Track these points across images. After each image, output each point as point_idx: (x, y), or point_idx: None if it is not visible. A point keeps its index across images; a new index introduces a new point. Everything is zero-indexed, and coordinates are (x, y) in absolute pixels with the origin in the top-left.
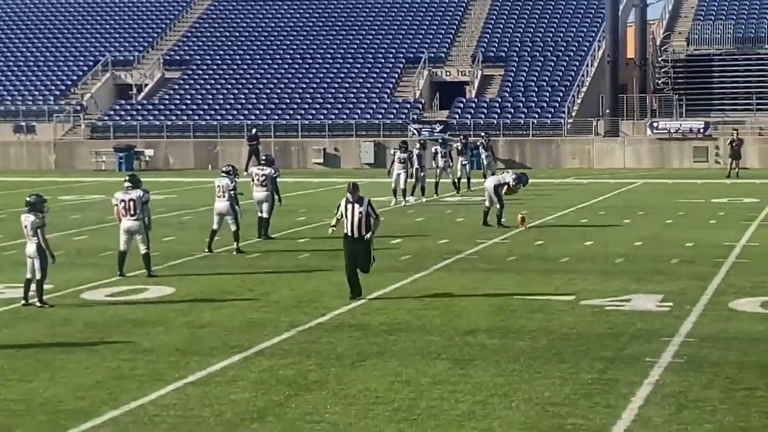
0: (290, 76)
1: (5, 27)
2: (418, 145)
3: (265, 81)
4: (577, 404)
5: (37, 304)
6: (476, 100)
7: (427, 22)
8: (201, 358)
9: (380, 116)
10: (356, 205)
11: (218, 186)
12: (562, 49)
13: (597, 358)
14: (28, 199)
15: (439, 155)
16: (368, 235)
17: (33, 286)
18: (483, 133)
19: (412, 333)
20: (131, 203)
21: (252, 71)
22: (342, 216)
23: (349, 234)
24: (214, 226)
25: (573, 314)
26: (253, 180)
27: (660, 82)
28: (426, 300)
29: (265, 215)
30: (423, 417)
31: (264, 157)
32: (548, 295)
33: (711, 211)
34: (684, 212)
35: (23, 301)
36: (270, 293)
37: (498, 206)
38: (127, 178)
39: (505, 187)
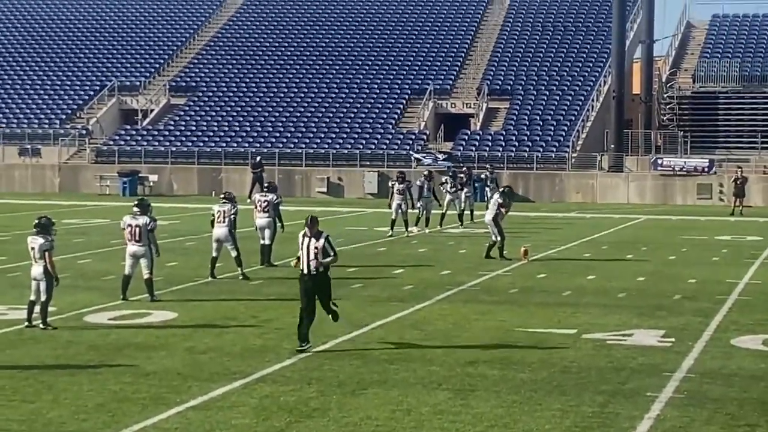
0: (296, 104)
1: (12, 50)
2: (422, 177)
3: (271, 109)
4: None
5: (41, 326)
6: (481, 132)
7: (433, 54)
8: (202, 383)
9: (385, 147)
10: (312, 240)
11: (219, 212)
12: (568, 83)
13: (598, 392)
14: (37, 221)
15: (447, 186)
16: (324, 263)
17: (37, 308)
18: (488, 166)
19: (414, 362)
20: (137, 229)
21: (258, 99)
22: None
23: (305, 271)
24: (214, 253)
25: (574, 347)
26: (255, 207)
27: (665, 118)
28: (427, 330)
29: (267, 242)
30: None
31: (267, 184)
32: (550, 328)
33: (714, 248)
34: (687, 249)
35: (27, 323)
36: (272, 320)
37: (499, 239)
38: (136, 202)
39: (502, 211)
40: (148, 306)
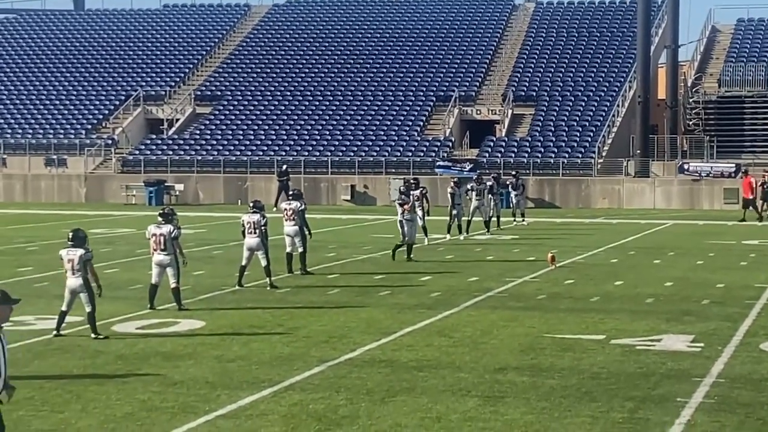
0: (321, 112)
1: (39, 61)
2: (452, 183)
3: (296, 117)
4: None
5: (92, 335)
6: (506, 138)
7: (458, 61)
8: (231, 391)
9: (410, 154)
10: None
11: (248, 222)
12: (593, 89)
13: (628, 398)
14: (73, 233)
15: (474, 193)
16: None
17: (68, 318)
18: (513, 172)
19: (442, 370)
20: (161, 238)
21: (283, 107)
22: None
23: None
24: (243, 262)
25: (603, 353)
26: (284, 215)
27: (691, 123)
28: (455, 337)
29: (300, 249)
30: None
31: (292, 192)
32: (578, 334)
33: (742, 252)
34: (714, 253)
35: (55, 332)
36: (300, 328)
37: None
38: (160, 212)
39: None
40: (176, 315)
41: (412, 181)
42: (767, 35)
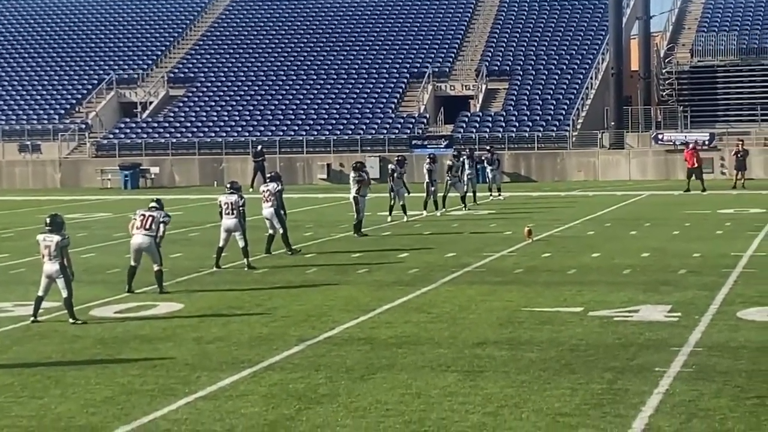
0: (295, 92)
1: (9, 46)
2: (428, 160)
3: (270, 97)
4: (587, 414)
5: (71, 320)
6: (481, 113)
7: (431, 37)
8: (211, 372)
9: (385, 131)
10: None
11: (226, 203)
12: (566, 62)
13: (606, 369)
14: (50, 219)
15: (452, 170)
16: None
17: (44, 304)
18: (488, 147)
19: (421, 346)
20: (150, 218)
21: (257, 87)
22: None
23: None
24: (221, 243)
25: (581, 325)
26: (262, 197)
27: (664, 93)
28: (434, 313)
29: (280, 230)
30: (434, 429)
31: (270, 174)
32: (556, 307)
33: (717, 222)
34: (690, 223)
35: (33, 319)
36: (278, 308)
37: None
38: (155, 200)
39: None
40: (154, 298)
41: (404, 156)
42: (738, 4)
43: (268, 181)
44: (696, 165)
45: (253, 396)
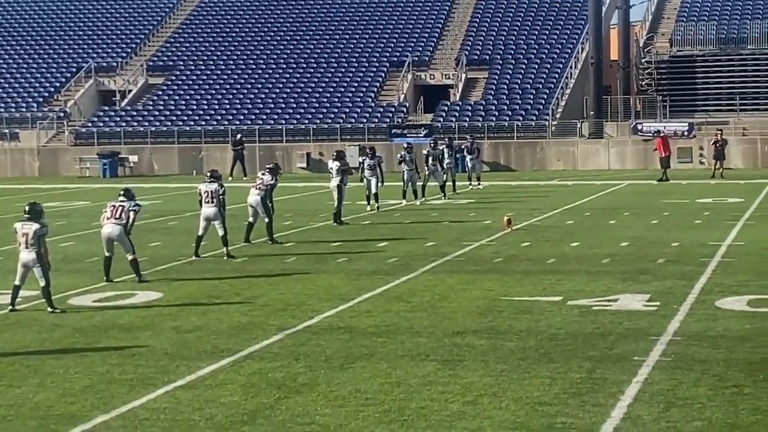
0: (274, 80)
1: None
2: (403, 149)
3: (249, 86)
4: (566, 403)
5: (49, 309)
6: (461, 103)
7: (411, 26)
8: (190, 362)
9: (365, 120)
10: None
11: (206, 191)
12: (546, 51)
13: (585, 358)
14: (28, 207)
15: (430, 159)
16: None
17: (22, 293)
18: (468, 136)
19: (401, 335)
20: (120, 209)
21: (236, 76)
22: None
23: None
24: (200, 232)
25: (561, 314)
26: (255, 184)
27: (644, 83)
28: (413, 302)
29: (265, 219)
30: (413, 418)
31: (271, 164)
32: (536, 296)
33: (696, 211)
34: (669, 213)
35: (10, 307)
36: (258, 297)
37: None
38: (122, 191)
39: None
40: (133, 287)
41: (368, 151)
42: None
43: (266, 170)
44: (667, 154)
45: (232, 385)
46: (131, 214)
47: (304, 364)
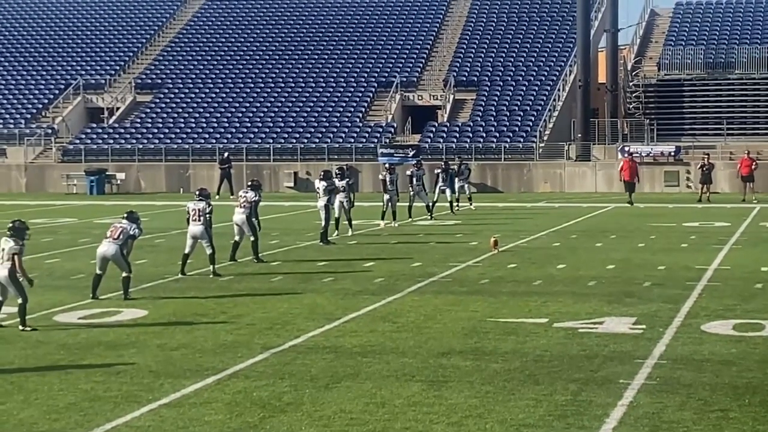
0: (262, 99)
1: None
2: (384, 170)
3: (237, 105)
4: (551, 426)
5: (20, 327)
6: (448, 124)
7: (399, 47)
8: (175, 380)
9: (352, 140)
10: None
11: (194, 210)
12: (534, 73)
13: (571, 380)
14: (11, 224)
15: (414, 179)
16: None
17: (7, 309)
18: (457, 158)
19: (386, 355)
20: (120, 230)
21: (224, 95)
22: None
23: None
24: (187, 250)
25: (546, 336)
26: (238, 203)
27: (631, 106)
28: (399, 322)
29: (251, 237)
30: None
31: (252, 181)
32: (521, 318)
33: (682, 234)
34: (655, 236)
35: None
36: (243, 315)
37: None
38: (126, 214)
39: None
40: (119, 304)
41: (337, 172)
42: (705, 18)
43: (248, 188)
44: (628, 180)
45: (216, 404)
46: (129, 240)
47: (289, 384)
